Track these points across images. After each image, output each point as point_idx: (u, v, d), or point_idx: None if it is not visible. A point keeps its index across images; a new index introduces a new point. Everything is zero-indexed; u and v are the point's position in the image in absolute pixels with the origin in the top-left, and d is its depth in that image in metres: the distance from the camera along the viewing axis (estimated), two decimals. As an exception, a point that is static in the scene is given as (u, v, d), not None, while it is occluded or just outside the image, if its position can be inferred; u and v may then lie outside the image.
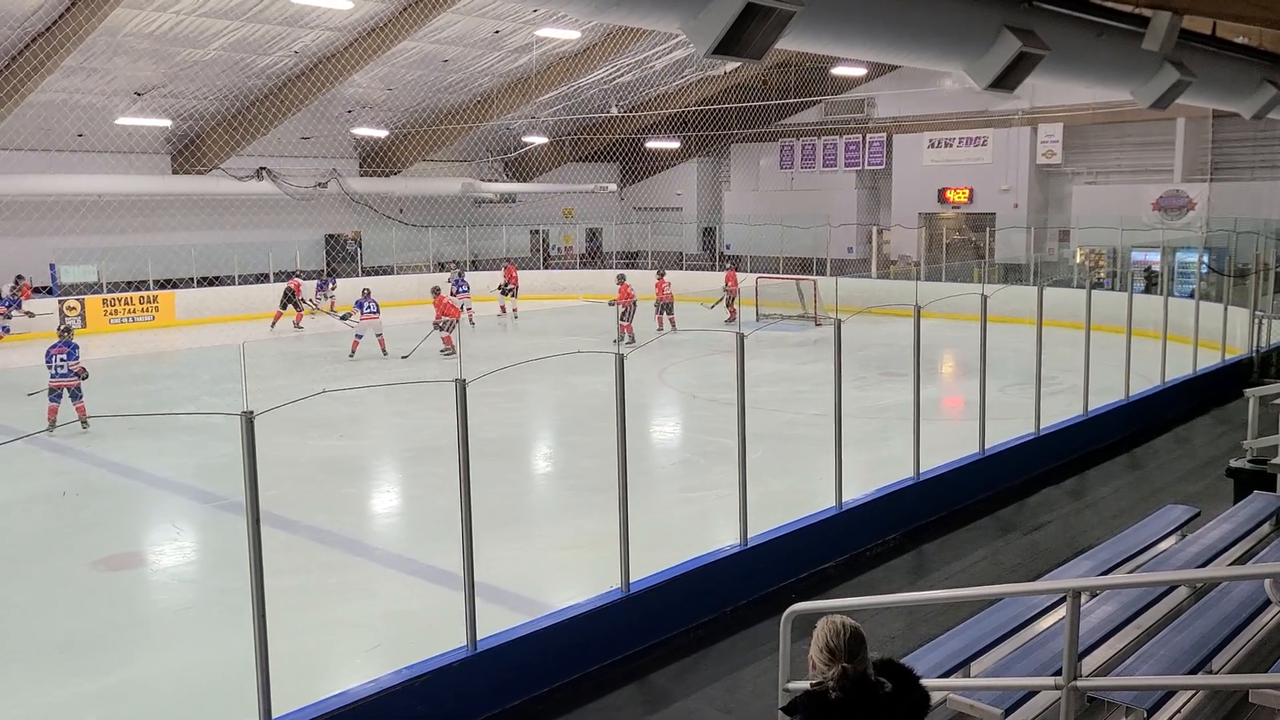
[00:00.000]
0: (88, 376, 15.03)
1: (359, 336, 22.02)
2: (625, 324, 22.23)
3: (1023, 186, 32.57)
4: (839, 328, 9.79)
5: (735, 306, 26.50)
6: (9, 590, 9.38)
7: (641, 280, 26.21)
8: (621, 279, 24.62)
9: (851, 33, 6.68)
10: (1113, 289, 25.04)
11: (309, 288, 28.96)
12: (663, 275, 25.51)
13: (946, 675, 5.72)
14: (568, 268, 37.21)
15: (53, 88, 24.46)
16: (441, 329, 22.10)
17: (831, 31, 6.55)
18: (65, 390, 14.82)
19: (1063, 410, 13.56)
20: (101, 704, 7.38)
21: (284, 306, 27.22)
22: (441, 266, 33.71)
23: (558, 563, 9.97)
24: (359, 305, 22.18)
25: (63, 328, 15.61)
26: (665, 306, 24.62)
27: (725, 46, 5.78)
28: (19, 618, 8.79)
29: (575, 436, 15.29)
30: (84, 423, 14.66)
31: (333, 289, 29.30)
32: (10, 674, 7.77)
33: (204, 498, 12.10)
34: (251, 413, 5.59)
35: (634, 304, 23.49)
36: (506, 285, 29.54)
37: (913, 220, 34.44)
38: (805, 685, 3.56)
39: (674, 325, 24.18)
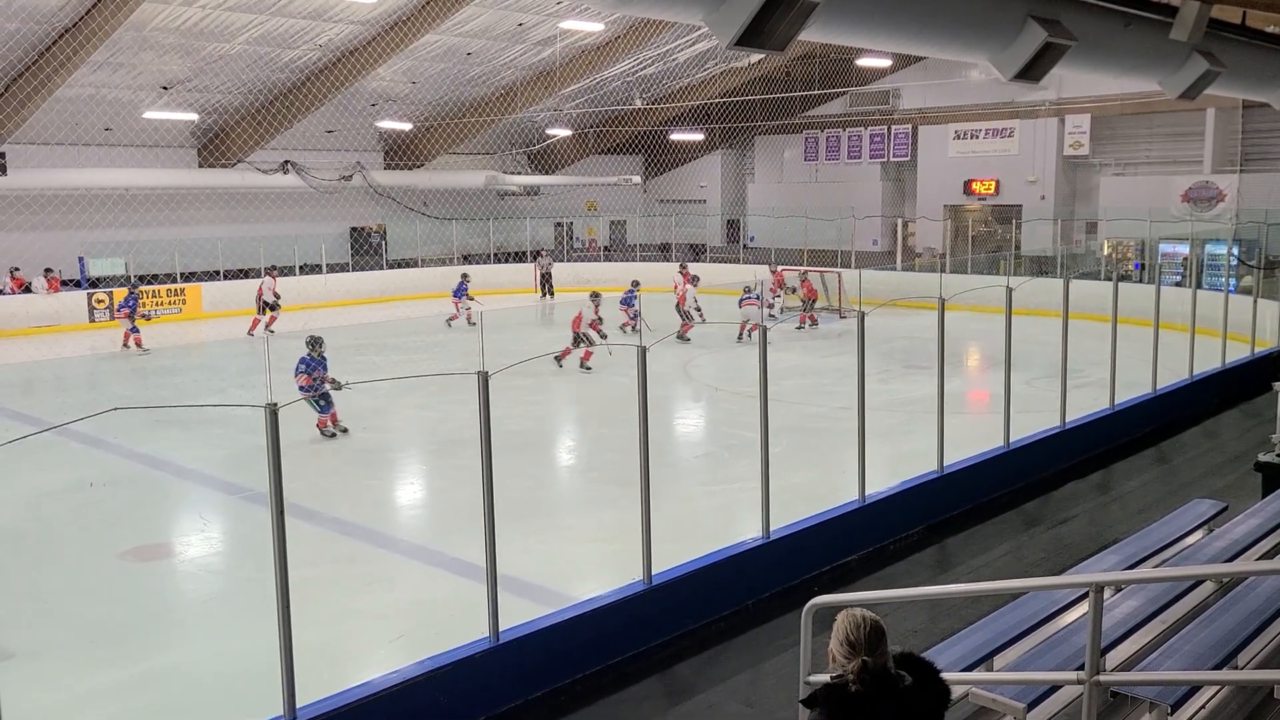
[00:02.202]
0: (338, 387, 13.75)
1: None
2: (808, 314, 24.59)
3: (1050, 178, 32.32)
4: (863, 320, 9.76)
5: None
6: (40, 579, 9.50)
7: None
8: (804, 277, 25.74)
9: (875, 23, 6.63)
10: (1140, 281, 24.80)
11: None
12: (806, 278, 25.65)
13: (969, 669, 5.69)
14: (591, 260, 37.24)
15: (80, 82, 24.69)
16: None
17: (855, 22, 6.51)
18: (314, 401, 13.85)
19: (1089, 404, 13.46)
20: (130, 692, 7.46)
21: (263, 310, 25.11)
22: (537, 255, 33.64)
23: (580, 555, 9.99)
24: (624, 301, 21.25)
25: (310, 338, 14.52)
26: (808, 304, 25.04)
27: (748, 38, 5.75)
28: (50, 606, 8.90)
29: (599, 429, 15.31)
30: (332, 429, 14.17)
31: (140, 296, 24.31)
32: (42, 662, 7.87)
33: (230, 489, 12.20)
34: (275, 405, 5.63)
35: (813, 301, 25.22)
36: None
37: (938, 212, 34.26)
38: (826, 678, 3.56)
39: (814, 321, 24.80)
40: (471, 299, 25.18)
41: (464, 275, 26.35)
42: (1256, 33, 10.11)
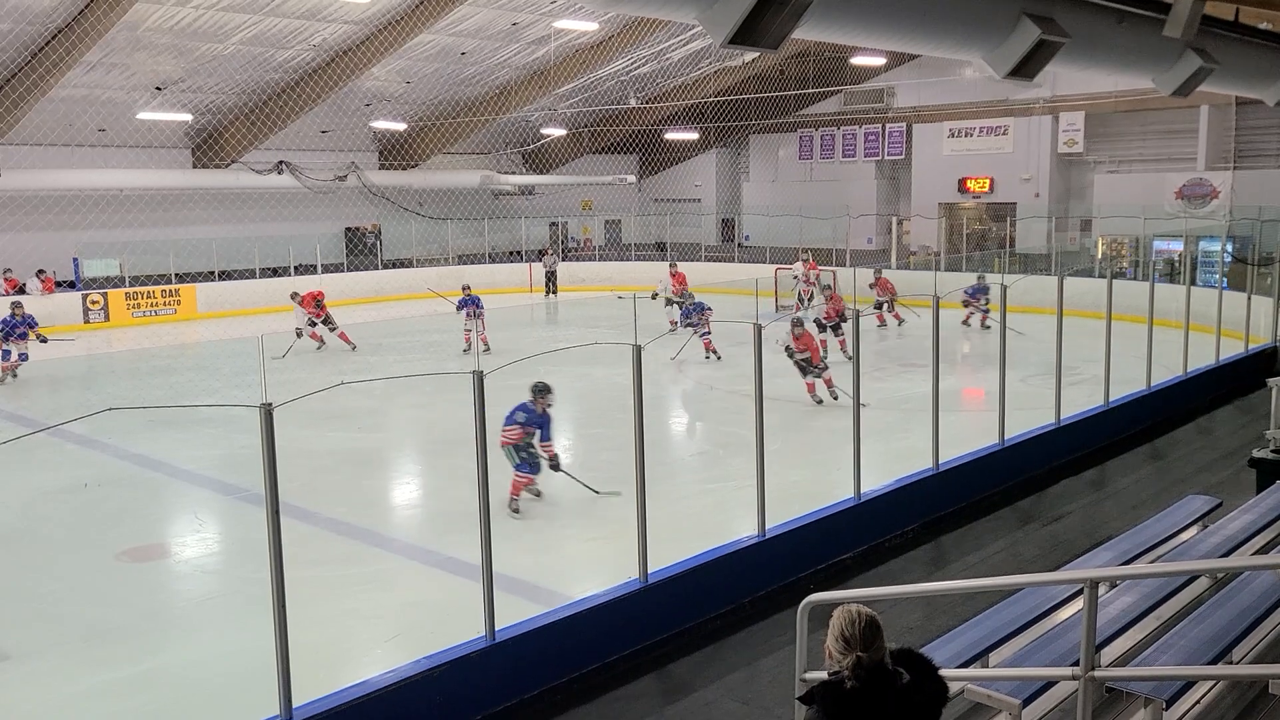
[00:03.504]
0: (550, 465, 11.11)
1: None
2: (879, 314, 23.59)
3: (1044, 176, 32.36)
4: (857, 319, 9.77)
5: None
6: (38, 580, 9.48)
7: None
8: (879, 273, 24.55)
9: (868, 21, 6.63)
10: (1135, 278, 24.85)
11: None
12: (880, 274, 24.48)
13: (965, 666, 5.71)
14: (586, 259, 37.28)
15: (74, 83, 24.65)
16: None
17: (848, 20, 6.51)
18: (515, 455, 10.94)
19: (1084, 401, 13.48)
20: (128, 692, 7.46)
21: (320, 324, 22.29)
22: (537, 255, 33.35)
23: (576, 554, 10.00)
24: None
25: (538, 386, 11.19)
26: (887, 303, 23.93)
27: (741, 36, 5.75)
28: (46, 607, 8.89)
29: (595, 429, 15.31)
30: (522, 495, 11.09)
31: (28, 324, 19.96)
32: (40, 662, 7.87)
33: (225, 489, 12.18)
34: (270, 405, 5.62)
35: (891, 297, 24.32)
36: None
37: (933, 210, 34.29)
38: (823, 675, 3.55)
39: (898, 320, 23.66)
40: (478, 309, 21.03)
41: (465, 287, 22.02)
42: (1250, 29, 10.13)
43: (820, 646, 3.65)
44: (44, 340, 20.05)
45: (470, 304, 21.17)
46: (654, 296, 23.25)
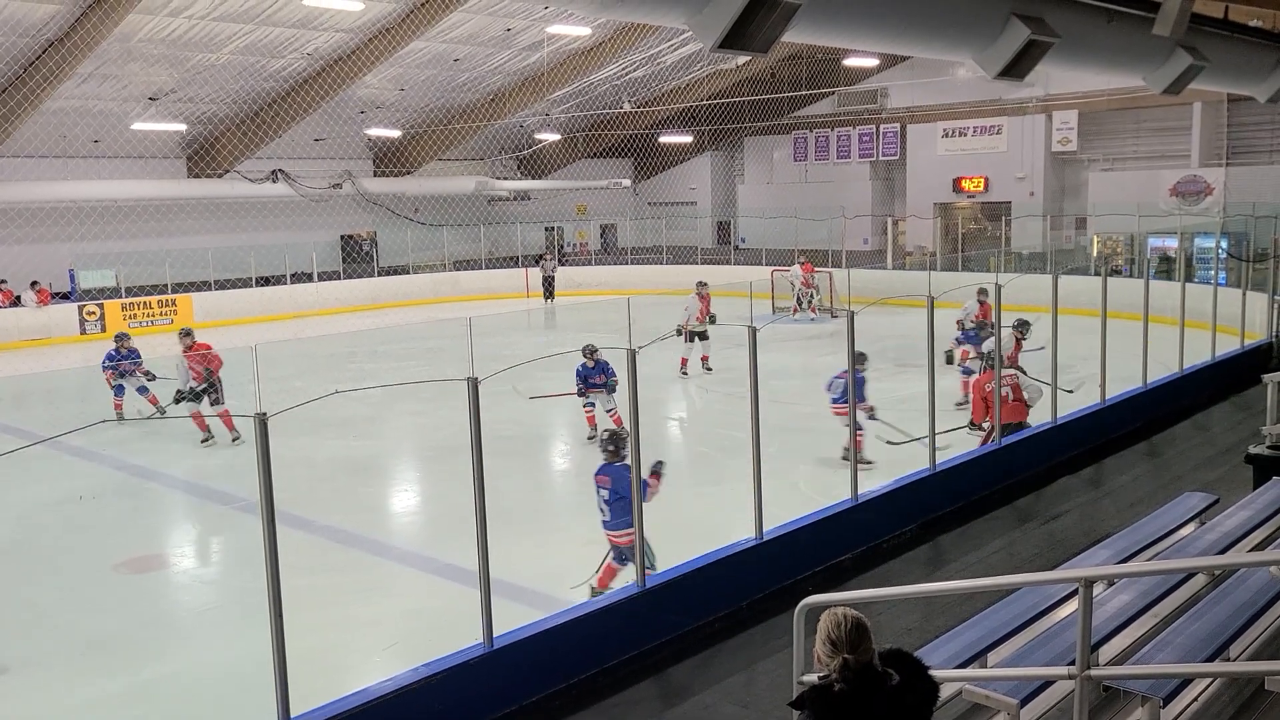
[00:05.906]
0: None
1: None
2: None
3: (1038, 174, 32.41)
4: (853, 319, 9.77)
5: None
6: (36, 591, 9.48)
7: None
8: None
9: (858, 24, 6.65)
10: (1130, 276, 24.86)
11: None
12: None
13: (963, 666, 5.70)
14: (583, 264, 37.28)
15: (68, 95, 24.66)
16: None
17: (837, 23, 6.53)
18: None
19: (1080, 399, 13.48)
20: (127, 702, 7.46)
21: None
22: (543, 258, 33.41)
23: (574, 559, 9.97)
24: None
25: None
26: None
27: (731, 40, 5.77)
28: (44, 618, 8.89)
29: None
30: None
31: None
32: (39, 673, 7.87)
33: (223, 499, 12.18)
34: (264, 414, 5.62)
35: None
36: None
37: (928, 210, 34.32)
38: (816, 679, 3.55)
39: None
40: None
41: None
42: (1239, 27, 10.16)
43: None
44: (152, 378, 16.00)
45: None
46: (680, 334, 19.46)
